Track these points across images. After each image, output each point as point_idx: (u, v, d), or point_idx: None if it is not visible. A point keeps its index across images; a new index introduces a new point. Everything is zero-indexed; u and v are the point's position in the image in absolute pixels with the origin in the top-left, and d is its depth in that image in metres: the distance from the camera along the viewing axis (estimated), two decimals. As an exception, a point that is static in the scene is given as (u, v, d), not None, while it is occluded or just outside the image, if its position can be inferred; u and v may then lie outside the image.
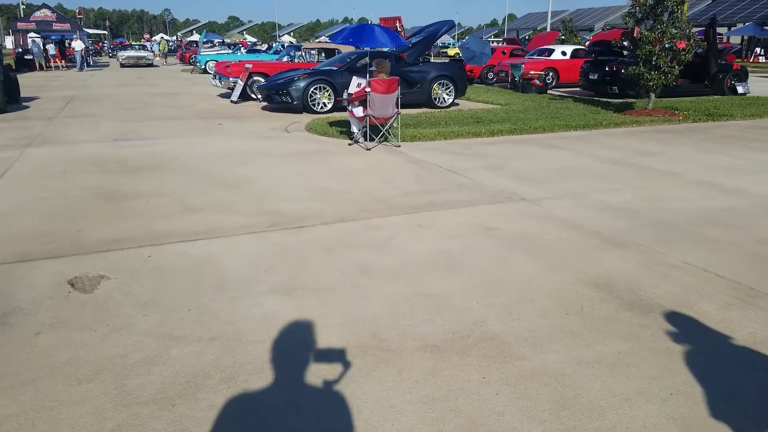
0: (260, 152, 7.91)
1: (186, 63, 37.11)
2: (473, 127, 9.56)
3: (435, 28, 13.31)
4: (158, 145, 8.46)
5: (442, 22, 13.37)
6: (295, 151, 7.95)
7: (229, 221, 4.76)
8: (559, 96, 15.34)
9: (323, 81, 12.16)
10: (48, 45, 32.02)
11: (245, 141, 8.87)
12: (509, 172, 6.59)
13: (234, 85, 14.90)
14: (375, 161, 7.28)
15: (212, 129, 10.14)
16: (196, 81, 22.45)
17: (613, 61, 14.82)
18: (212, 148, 8.20)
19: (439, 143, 8.55)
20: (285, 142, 8.80)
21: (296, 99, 12.01)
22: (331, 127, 9.83)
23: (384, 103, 7.92)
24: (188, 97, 15.82)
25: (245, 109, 13.19)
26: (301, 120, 11.28)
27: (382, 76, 7.95)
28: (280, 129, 10.19)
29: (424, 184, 6.04)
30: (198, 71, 28.13)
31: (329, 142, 8.70)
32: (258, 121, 11.27)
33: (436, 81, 13.08)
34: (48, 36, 33.81)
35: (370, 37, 7.63)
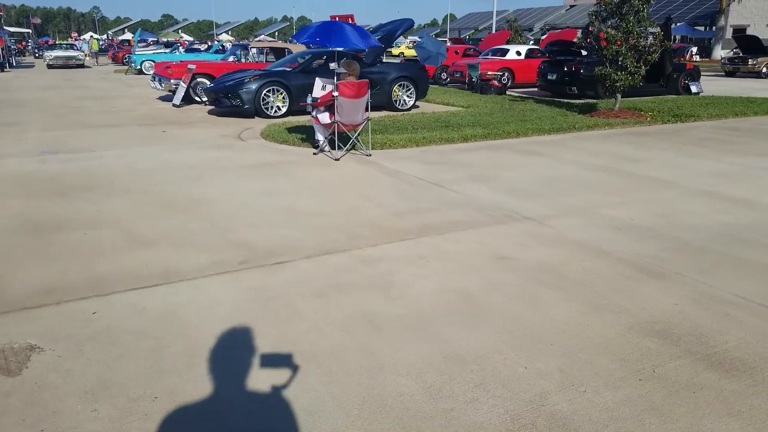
0: (214, 165, 7.02)
1: (119, 63, 35.07)
2: (443, 132, 8.96)
3: (393, 27, 12.65)
4: (94, 158, 7.42)
5: (401, 21, 12.72)
6: (254, 163, 7.10)
7: (191, 258, 3.93)
8: (519, 97, 15.00)
9: (277, 83, 11.30)
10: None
11: (195, 151, 7.94)
12: (497, 183, 6.00)
13: (176, 87, 13.79)
14: (347, 173, 6.54)
15: (155, 137, 9.12)
16: (132, 83, 20.99)
17: (572, 62, 14.60)
18: (158, 161, 7.24)
19: (412, 151, 7.89)
20: (241, 152, 7.93)
21: (248, 102, 11.10)
22: (290, 134, 9.01)
23: (353, 108, 7.20)
24: (125, 101, 14.56)
25: (190, 114, 12.15)
26: (255, 125, 10.38)
27: (351, 78, 7.22)
28: (233, 136, 9.28)
29: (409, 200, 5.35)
30: (133, 72, 26.48)
31: (291, 152, 7.89)
32: (206, 127, 10.29)
33: (397, 82, 12.44)
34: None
35: (340, 36, 6.89)
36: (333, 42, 6.86)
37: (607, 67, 10.82)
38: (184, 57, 22.90)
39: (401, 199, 5.38)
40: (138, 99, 15.12)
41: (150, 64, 25.95)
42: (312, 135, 8.81)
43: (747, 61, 22.85)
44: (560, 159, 7.27)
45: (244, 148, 8.25)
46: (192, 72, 13.35)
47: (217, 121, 11.12)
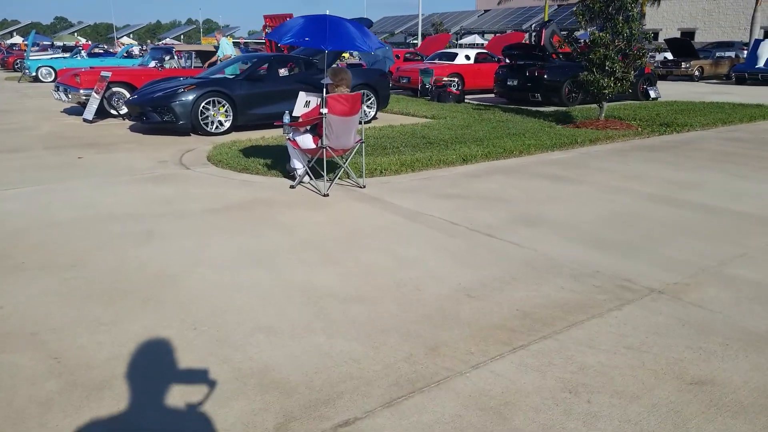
0: (164, 210, 5.19)
1: (9, 69, 31.12)
2: (434, 152, 7.51)
3: (348, 28, 11.08)
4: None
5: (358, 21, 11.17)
6: (219, 205, 5.33)
7: (184, 424, 2.22)
8: (482, 105, 13.84)
9: (218, 93, 9.43)
10: None
11: (130, 187, 6.03)
12: (560, 227, 4.61)
13: (86, 99, 11.50)
14: (352, 217, 4.94)
15: (70, 166, 7.07)
16: (30, 92, 18.09)
17: (535, 66, 13.63)
18: (83, 206, 5.31)
19: (410, 178, 6.38)
20: (193, 186, 6.10)
21: (182, 117, 9.15)
22: (248, 158, 7.24)
23: (346, 128, 5.60)
24: (24, 116, 12.05)
25: (108, 131, 9.99)
26: (196, 146, 8.48)
27: (343, 90, 5.61)
28: (173, 162, 7.37)
29: (467, 263, 3.84)
30: (28, 79, 23.24)
31: (260, 184, 6.15)
32: (134, 149, 8.28)
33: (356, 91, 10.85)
34: None
35: (339, 35, 5.21)
36: (329, 42, 5.20)
37: (594, 72, 9.81)
38: (90, 62, 20.17)
39: (455, 262, 3.86)
40: (39, 113, 12.62)
41: (48, 71, 22.88)
42: (278, 158, 7.10)
43: (680, 65, 23.11)
44: (600, 186, 6.01)
45: (195, 180, 6.41)
46: (107, 80, 11.15)
47: (144, 140, 9.09)
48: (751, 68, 20.79)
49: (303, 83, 10.13)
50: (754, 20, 27.74)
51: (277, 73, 10.22)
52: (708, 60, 23.72)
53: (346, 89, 5.61)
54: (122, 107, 11.48)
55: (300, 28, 5.19)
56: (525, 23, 47.60)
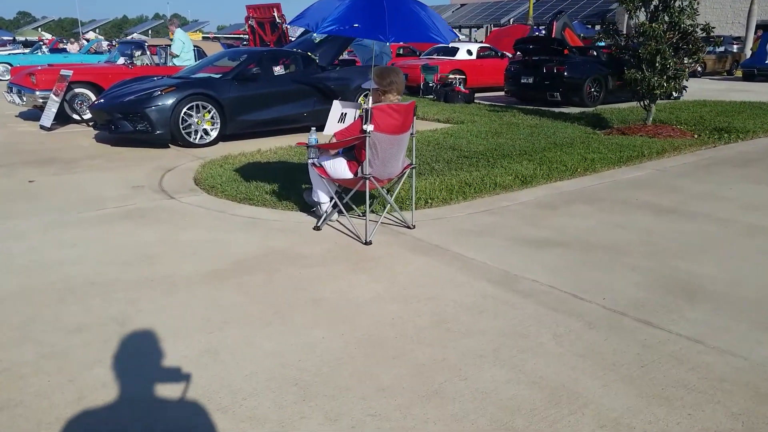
0: (142, 273, 3.62)
1: (-36, 66, 28.71)
2: (480, 171, 6.05)
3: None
4: None
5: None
6: (220, 264, 3.78)
7: None
8: (497, 106, 12.42)
9: (202, 96, 7.81)
10: None
11: (93, 230, 4.43)
12: (741, 306, 3.18)
13: (44, 102, 9.76)
14: (421, 286, 3.43)
15: (16, 194, 5.42)
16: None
17: (553, 62, 12.26)
18: (21, 266, 3.71)
19: (467, 211, 4.90)
20: (180, 226, 4.53)
21: (160, 126, 7.53)
22: (247, 181, 5.68)
23: (395, 150, 4.09)
24: (-34, 123, 10.25)
25: (69, 142, 8.30)
26: (177, 161, 6.88)
27: (393, 98, 4.09)
28: (151, 187, 5.77)
29: (658, 397, 2.38)
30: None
31: (270, 222, 4.60)
32: (100, 167, 6.64)
33: (362, 92, 9.34)
34: None
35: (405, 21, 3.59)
36: (392, 31, 3.60)
37: (643, 70, 8.45)
38: (49, 59, 18.23)
39: (633, 391, 2.39)
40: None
41: (5, 68, 20.76)
42: (285, 179, 5.57)
43: (684, 60, 22.01)
44: (726, 222, 4.61)
45: (183, 216, 4.83)
46: (68, 80, 9.42)
47: (113, 154, 7.44)
48: (762, 64, 19.78)
49: (301, 83, 8.58)
50: (750, 13, 26.86)
51: (272, 72, 8.64)
52: (711, 55, 22.70)
53: (396, 97, 4.09)
54: (86, 112, 9.77)
55: (345, 11, 3.57)
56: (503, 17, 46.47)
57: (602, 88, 12.39)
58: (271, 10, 13.05)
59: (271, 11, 12.96)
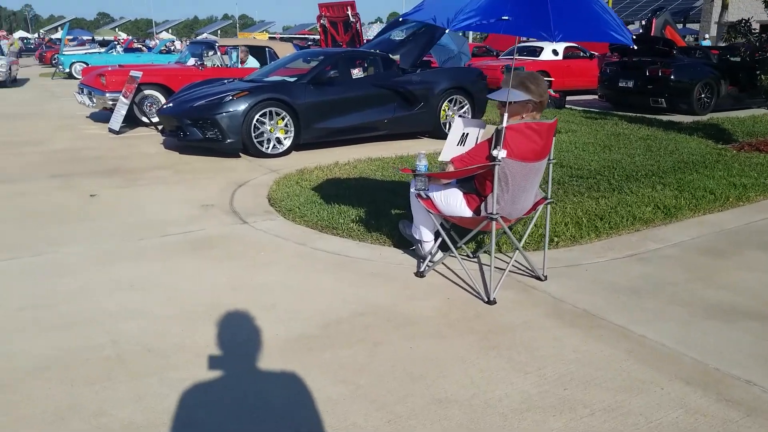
0: (213, 337, 2.85)
1: (47, 64, 29.67)
2: (606, 197, 5.03)
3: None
4: None
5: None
6: (309, 327, 2.98)
7: None
8: (593, 112, 11.23)
9: (276, 102, 7.10)
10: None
11: (154, 266, 3.72)
12: None
13: (113, 104, 9.37)
14: (592, 384, 2.51)
15: (73, 213, 4.83)
16: (58, 91, 16.22)
17: (656, 64, 10.94)
18: (66, 314, 3.02)
19: (607, 255, 3.92)
20: (257, 264, 3.77)
21: (231, 134, 6.87)
22: (327, 203, 4.88)
23: (530, 181, 3.17)
24: (41, 122, 10.01)
25: (136, 148, 7.80)
26: (249, 174, 6.19)
27: (530, 116, 3.15)
28: (221, 207, 5.07)
29: None
30: (61, 75, 21.55)
31: (359, 261, 3.77)
32: (166, 180, 6.03)
33: (446, 96, 8.43)
34: None
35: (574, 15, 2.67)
36: (559, 27, 2.62)
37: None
38: (123, 59, 18.25)
39: None
40: (60, 118, 10.57)
41: (82, 67, 21.07)
42: (369, 201, 4.71)
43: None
44: None
45: (258, 249, 4.07)
46: (137, 82, 8.97)
47: (181, 164, 6.84)
48: None
49: (381, 87, 7.75)
50: None
51: (350, 75, 7.86)
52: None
53: (536, 114, 3.15)
54: (155, 114, 9.31)
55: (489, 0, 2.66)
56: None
57: (714, 93, 10.97)
58: (344, 8, 12.31)
59: (345, 10, 12.21)
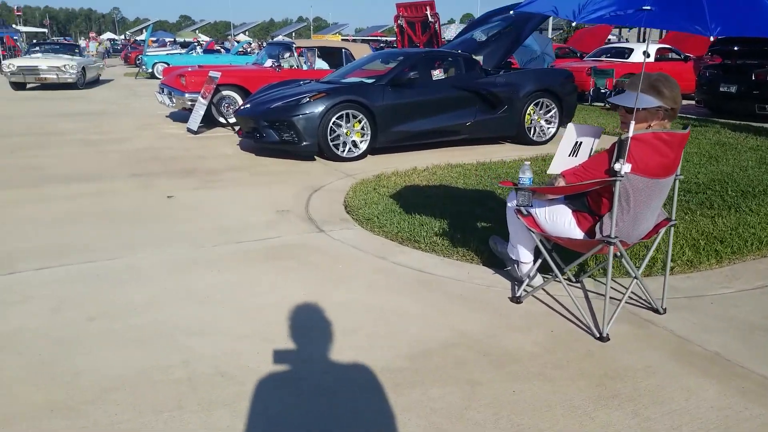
0: (288, 364, 2.58)
1: (131, 65, 31.03)
2: (725, 217, 4.44)
3: (523, 14, 8.14)
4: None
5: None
6: (396, 357, 2.65)
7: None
8: (692, 119, 10.39)
9: (353, 104, 6.85)
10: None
11: (229, 277, 3.51)
12: None
13: (192, 104, 9.45)
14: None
15: (150, 215, 4.73)
16: (140, 91, 16.77)
17: (763, 68, 9.97)
18: (147, 332, 2.83)
19: (731, 283, 3.39)
20: (333, 278, 3.49)
21: (307, 136, 6.68)
22: (407, 213, 4.55)
23: (657, 200, 2.72)
24: (123, 121, 10.25)
25: (213, 149, 7.77)
26: (324, 178, 5.96)
27: (659, 123, 2.70)
28: (297, 213, 4.84)
29: None
30: (144, 75, 22.38)
31: (444, 280, 3.42)
32: (242, 182, 5.89)
33: (532, 100, 7.93)
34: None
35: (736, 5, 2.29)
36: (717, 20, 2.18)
37: None
38: (202, 60, 18.69)
39: None
40: (141, 117, 10.81)
41: (164, 67, 21.79)
42: (450, 211, 4.33)
43: None
44: None
45: (335, 260, 3.80)
46: (215, 82, 8.98)
47: (257, 166, 6.71)
48: None
49: (463, 89, 7.35)
50: None
51: (430, 76, 7.51)
52: None
53: (667, 122, 2.69)
54: (232, 115, 9.31)
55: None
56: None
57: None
58: (423, 8, 11.95)
59: (424, 10, 11.86)
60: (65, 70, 16.42)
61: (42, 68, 16.32)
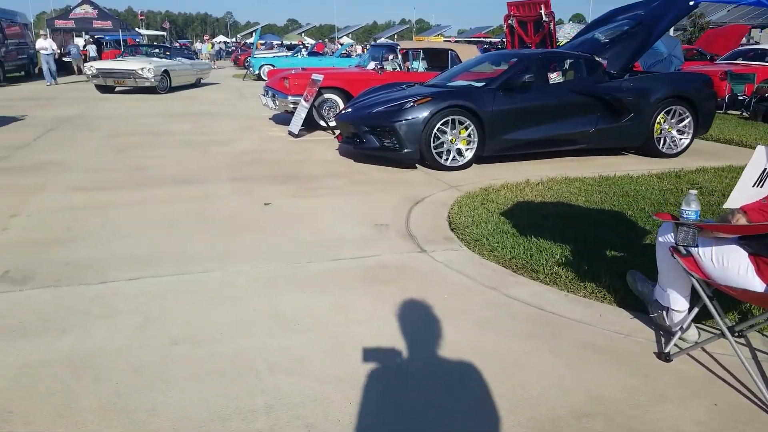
0: (389, 426, 2.16)
1: (240, 66, 32.31)
2: None
3: (656, 12, 7.28)
4: (81, 340, 2.84)
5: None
6: (520, 430, 2.15)
7: None
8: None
9: (460, 109, 6.36)
10: (89, 45, 27.69)
11: (320, 298, 3.16)
12: None
13: (294, 107, 9.36)
14: None
15: (247, 223, 4.51)
16: (247, 92, 17.19)
17: None
18: (231, 365, 2.52)
19: None
20: (437, 313, 3.03)
21: (409, 143, 6.28)
22: (522, 235, 4.01)
23: None
24: (227, 123, 10.39)
25: (313, 153, 7.58)
26: (425, 189, 5.52)
27: None
28: (397, 230, 4.44)
29: None
30: (252, 77, 23.04)
31: (571, 326, 2.86)
32: (340, 190, 5.59)
33: (663, 107, 7.05)
34: (93, 35, 29.68)
35: None
36: None
37: None
38: (306, 62, 18.90)
39: None
40: (245, 119, 10.93)
41: (271, 69, 22.38)
42: (581, 235, 3.71)
43: None
44: None
45: (438, 287, 3.35)
46: (318, 85, 8.82)
47: (356, 173, 6.40)
48: None
49: (584, 94, 6.65)
50: None
51: (547, 79, 6.86)
52: None
53: None
54: (332, 119, 9.12)
55: None
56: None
57: None
58: (537, 7, 11.21)
59: (538, 9, 11.12)
60: (141, 73, 15.31)
61: (119, 71, 15.47)
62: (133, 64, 15.61)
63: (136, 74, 15.31)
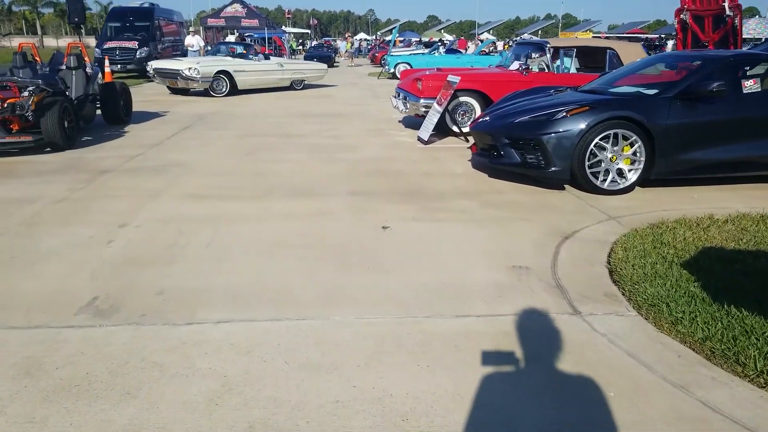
0: None
1: (377, 64, 32.41)
2: None
3: None
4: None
5: None
6: None
7: None
8: None
9: (625, 121, 5.23)
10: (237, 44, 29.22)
11: (436, 379, 2.39)
12: None
13: (426, 111, 8.65)
14: None
15: (361, 259, 3.84)
16: (380, 92, 16.81)
17: None
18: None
19: None
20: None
21: (558, 160, 5.28)
22: (717, 302, 2.91)
23: None
24: (355, 126, 9.95)
25: (441, 163, 6.81)
26: (578, 222, 4.51)
27: None
28: (540, 277, 3.53)
29: None
30: (386, 75, 22.78)
31: None
32: (468, 215, 4.75)
33: None
34: (242, 34, 31.31)
35: None
36: None
37: None
38: (443, 60, 18.14)
39: None
40: (375, 122, 10.42)
41: (405, 68, 21.92)
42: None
43: None
44: None
45: (600, 379, 2.44)
46: (454, 87, 8.02)
47: (491, 193, 5.52)
48: None
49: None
50: None
51: (740, 88, 5.49)
52: None
53: None
54: (466, 124, 8.29)
55: None
56: None
57: None
58: (719, 0, 9.49)
59: (720, 1, 9.41)
60: (187, 74, 13.60)
61: (169, 70, 14.01)
62: (180, 64, 14.16)
63: (181, 74, 13.72)
